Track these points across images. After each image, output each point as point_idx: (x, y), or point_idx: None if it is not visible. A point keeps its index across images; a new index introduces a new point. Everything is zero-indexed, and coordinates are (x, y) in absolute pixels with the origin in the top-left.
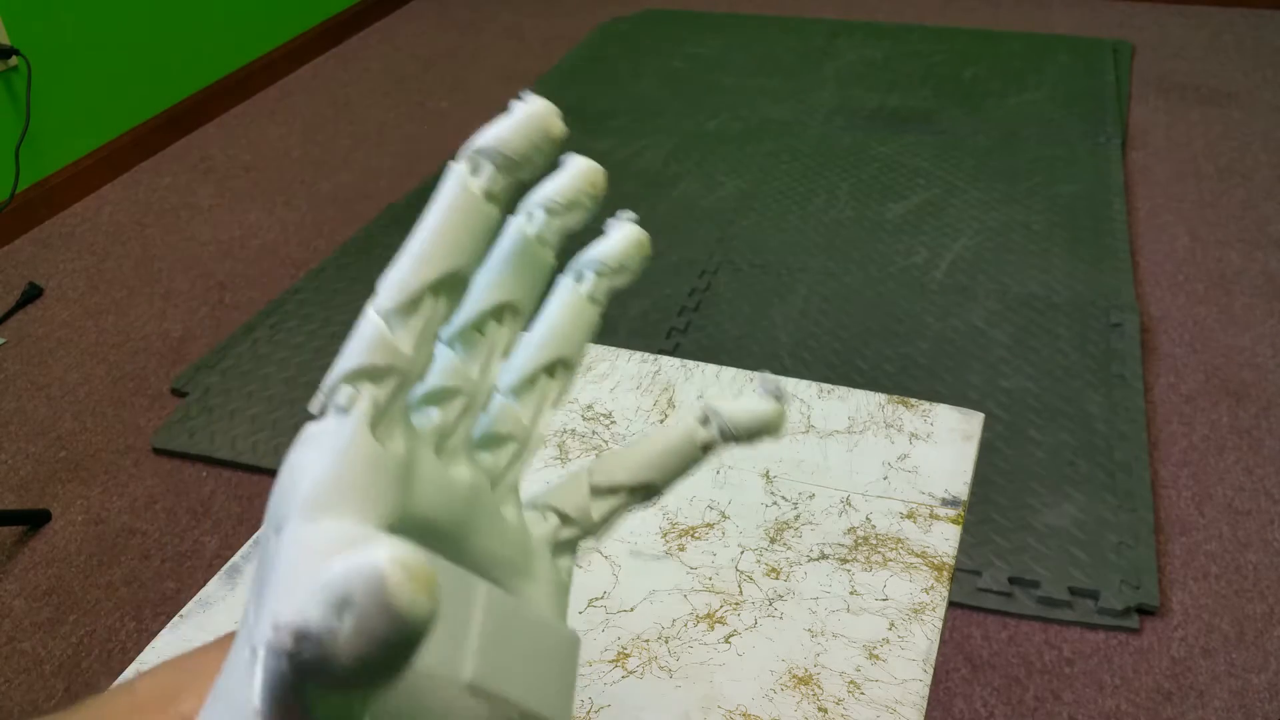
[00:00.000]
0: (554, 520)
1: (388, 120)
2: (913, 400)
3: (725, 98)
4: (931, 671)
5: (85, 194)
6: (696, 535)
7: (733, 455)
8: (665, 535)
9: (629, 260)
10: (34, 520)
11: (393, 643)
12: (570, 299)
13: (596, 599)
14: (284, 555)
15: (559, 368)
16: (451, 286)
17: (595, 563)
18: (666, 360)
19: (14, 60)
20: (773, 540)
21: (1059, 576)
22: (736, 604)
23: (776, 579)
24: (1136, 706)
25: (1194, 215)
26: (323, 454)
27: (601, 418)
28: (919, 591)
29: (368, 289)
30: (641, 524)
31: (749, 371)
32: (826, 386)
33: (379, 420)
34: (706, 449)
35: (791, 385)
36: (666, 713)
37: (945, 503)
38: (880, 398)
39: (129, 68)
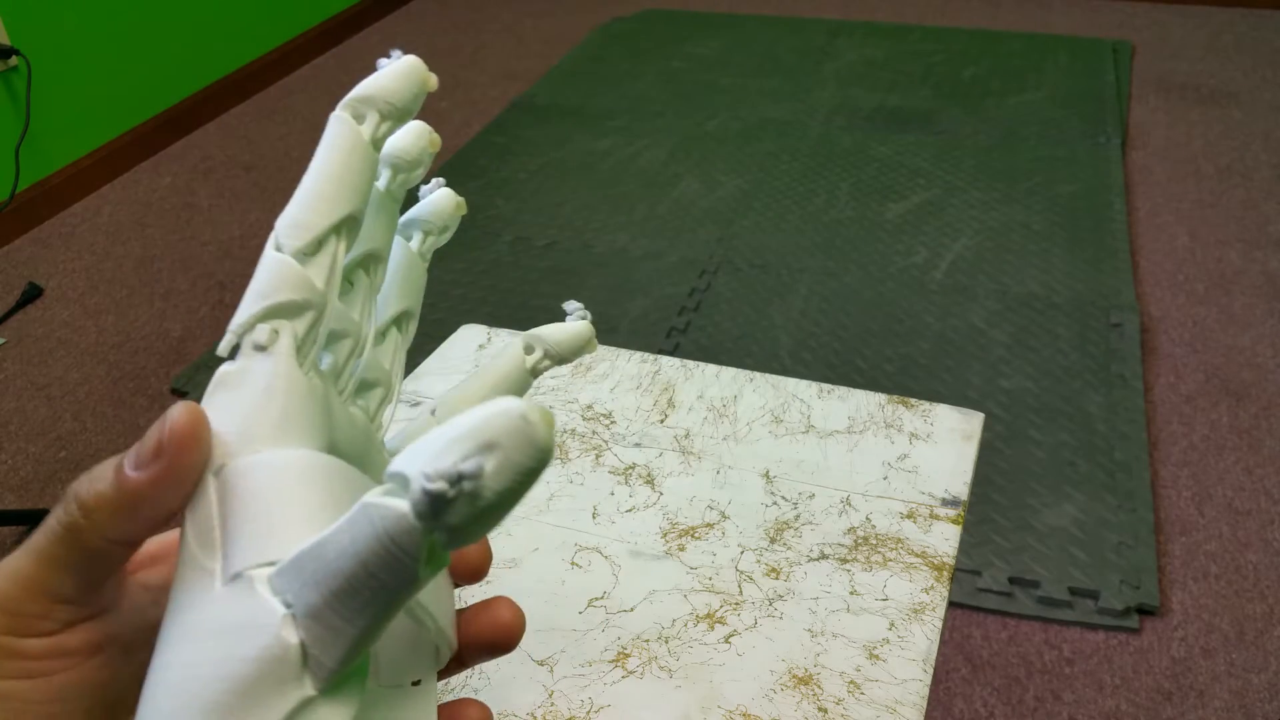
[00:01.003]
0: None
1: None
2: (913, 400)
3: (725, 98)
4: (931, 671)
5: (85, 194)
6: (696, 535)
7: (733, 455)
8: (665, 535)
9: (451, 220)
10: (34, 520)
11: (531, 471)
12: (406, 256)
13: (596, 599)
14: (241, 490)
15: (404, 319)
16: (351, 227)
17: (595, 563)
18: (666, 360)
19: (14, 60)
20: (773, 540)
21: (1059, 576)
22: (736, 604)
23: (776, 579)
24: (1136, 706)
25: (1194, 215)
26: (252, 390)
27: (601, 418)
28: (919, 591)
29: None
30: (641, 524)
31: (749, 372)
32: (826, 386)
33: (299, 353)
34: (536, 373)
35: (791, 385)
36: (666, 713)
37: (945, 503)
38: (880, 398)
39: (129, 68)
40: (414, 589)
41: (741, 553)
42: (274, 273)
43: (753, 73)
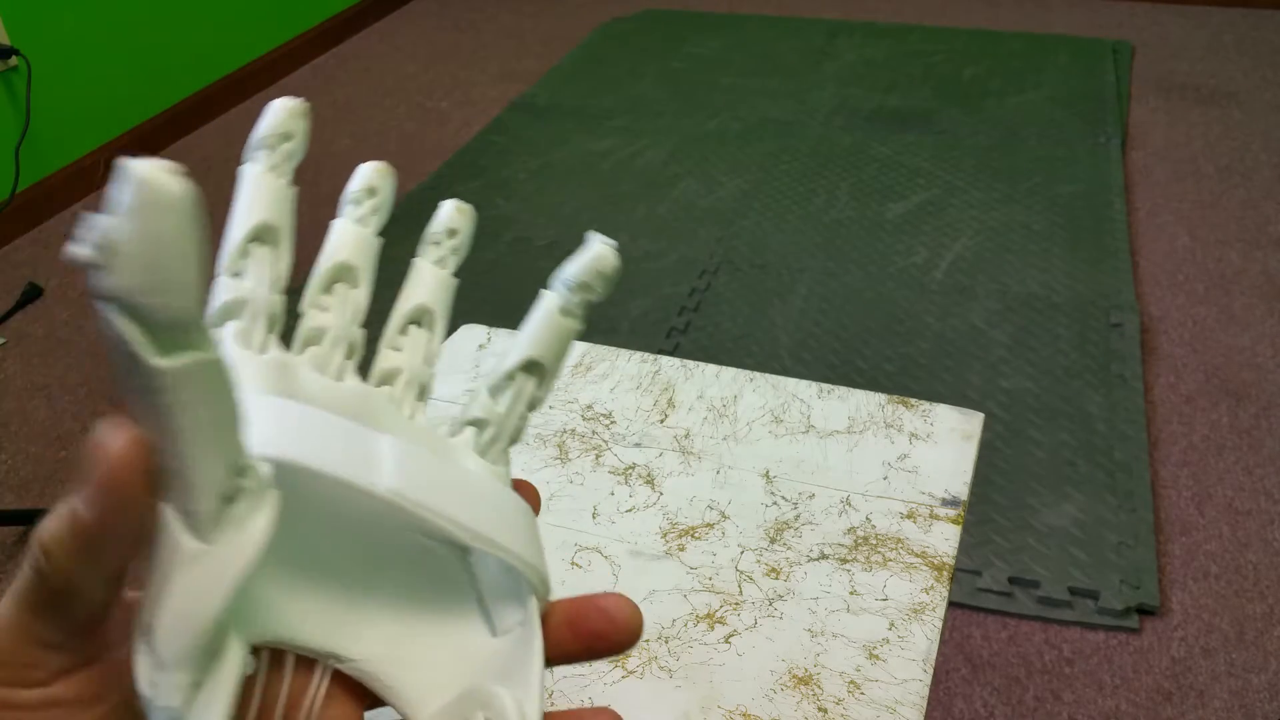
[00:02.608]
0: (469, 430)
1: (388, 120)
2: (913, 400)
3: (725, 98)
4: (931, 671)
5: (85, 194)
6: (696, 535)
7: (733, 455)
8: (665, 535)
9: (455, 223)
10: (34, 520)
11: (162, 210)
12: (416, 265)
13: None
14: None
15: (424, 316)
16: (266, 234)
17: (595, 563)
18: (666, 360)
19: (14, 60)
20: (773, 540)
21: (1059, 576)
22: (736, 604)
23: (776, 579)
24: (1136, 706)
25: (1194, 215)
26: None
27: (601, 418)
28: (919, 591)
29: (367, 288)
30: (642, 524)
31: (749, 372)
32: (826, 386)
33: (245, 340)
34: (568, 314)
35: (791, 385)
36: (666, 713)
37: (945, 503)
38: (880, 398)
39: (129, 68)
40: (162, 380)
41: (741, 553)
42: (216, 289)
43: (753, 73)
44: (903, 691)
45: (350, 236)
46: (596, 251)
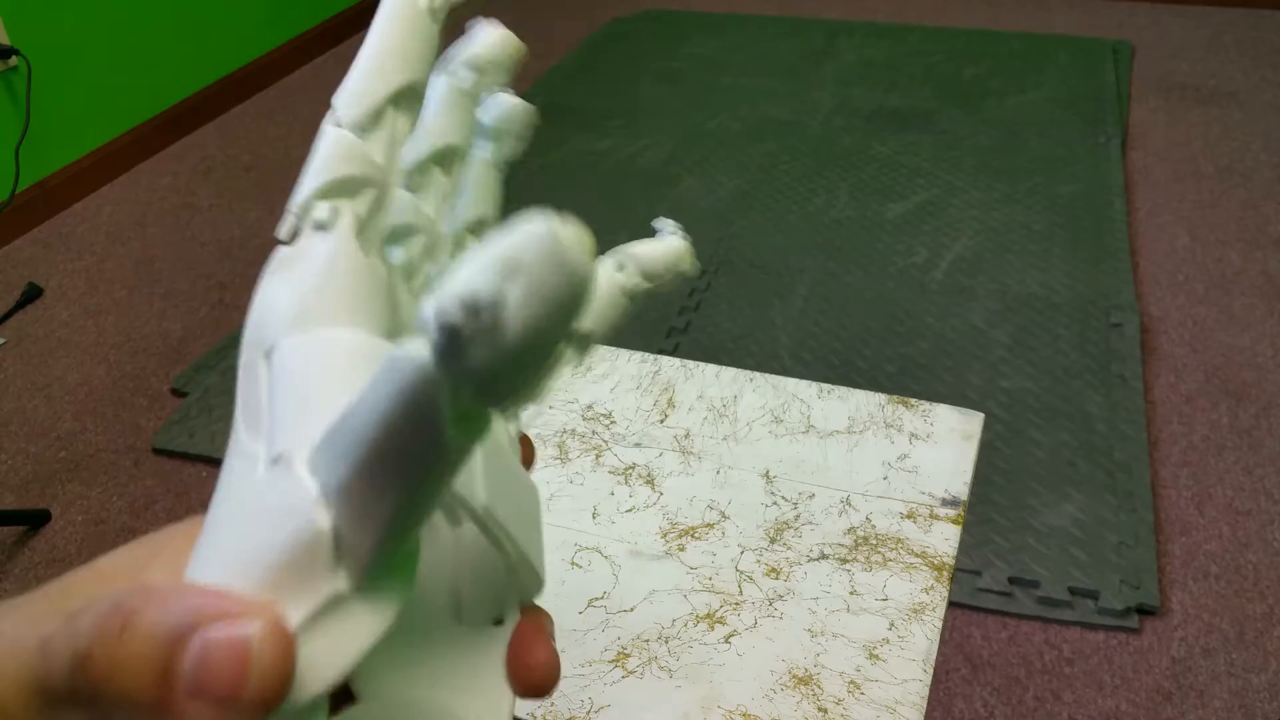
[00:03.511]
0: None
1: None
2: (913, 400)
3: (725, 98)
4: (931, 671)
5: (85, 194)
6: (696, 535)
7: (733, 455)
8: (665, 535)
9: (521, 126)
10: (34, 520)
11: (563, 303)
12: (475, 165)
13: (596, 599)
14: (291, 369)
15: (480, 228)
16: (410, 99)
17: (595, 563)
18: (666, 360)
19: (14, 60)
20: (773, 540)
21: (1059, 576)
22: (736, 604)
23: (776, 579)
24: (1136, 706)
25: (1194, 215)
26: (310, 268)
27: (601, 418)
28: (919, 591)
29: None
30: (642, 524)
31: (749, 372)
32: (826, 386)
33: (361, 235)
34: (630, 295)
35: (791, 385)
36: (666, 713)
37: (945, 503)
38: (880, 398)
39: (129, 68)
40: (446, 457)
41: (741, 553)
42: (331, 147)
43: (753, 73)
44: (903, 691)
45: (459, 113)
46: (677, 247)
